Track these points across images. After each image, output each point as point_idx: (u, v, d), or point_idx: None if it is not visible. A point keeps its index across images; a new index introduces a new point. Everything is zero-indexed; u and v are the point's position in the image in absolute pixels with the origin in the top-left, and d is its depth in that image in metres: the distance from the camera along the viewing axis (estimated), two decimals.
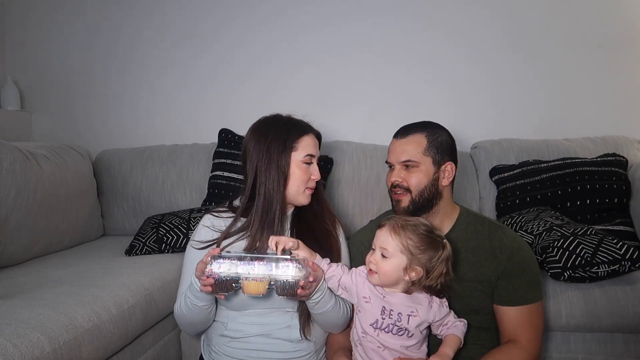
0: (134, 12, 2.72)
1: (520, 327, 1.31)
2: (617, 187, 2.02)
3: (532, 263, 1.35)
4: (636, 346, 1.68)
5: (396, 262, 1.19)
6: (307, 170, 1.39)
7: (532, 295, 1.33)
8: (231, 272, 1.16)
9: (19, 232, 1.82)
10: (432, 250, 1.20)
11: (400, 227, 1.20)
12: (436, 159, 1.35)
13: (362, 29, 2.56)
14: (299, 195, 1.39)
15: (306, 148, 1.38)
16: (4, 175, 1.75)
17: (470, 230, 1.38)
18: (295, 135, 1.38)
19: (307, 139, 1.40)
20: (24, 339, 1.15)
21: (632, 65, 2.44)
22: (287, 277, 1.16)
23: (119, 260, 1.88)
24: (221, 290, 1.19)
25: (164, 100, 2.72)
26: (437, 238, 1.22)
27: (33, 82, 2.80)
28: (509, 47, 2.50)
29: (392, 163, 1.39)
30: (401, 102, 2.55)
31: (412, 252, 1.18)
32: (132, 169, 2.44)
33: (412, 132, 1.38)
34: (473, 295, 1.34)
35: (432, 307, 1.24)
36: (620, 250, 1.60)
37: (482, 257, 1.34)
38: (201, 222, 1.46)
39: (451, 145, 1.40)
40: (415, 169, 1.35)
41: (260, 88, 2.65)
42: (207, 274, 1.16)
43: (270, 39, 2.63)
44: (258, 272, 1.15)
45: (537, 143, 2.30)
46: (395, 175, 1.37)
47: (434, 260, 1.19)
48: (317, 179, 1.41)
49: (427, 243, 1.20)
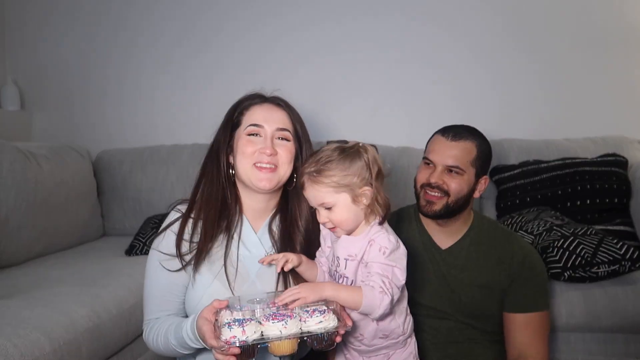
0: (133, 12, 2.71)
1: (528, 338, 1.31)
2: (617, 187, 2.02)
3: (542, 271, 1.36)
4: (636, 346, 1.68)
5: (342, 204, 1.06)
6: (254, 142, 1.16)
7: (541, 303, 1.34)
8: (257, 335, 0.94)
9: (19, 232, 1.82)
10: (357, 163, 1.06)
11: (316, 172, 1.06)
12: (479, 172, 1.32)
13: (362, 26, 2.55)
14: (250, 177, 1.16)
15: (250, 118, 1.17)
16: (4, 175, 1.75)
17: (484, 235, 1.38)
18: (244, 106, 1.20)
19: (255, 110, 1.19)
20: (24, 339, 1.15)
21: (633, 65, 2.44)
22: (325, 329, 0.96)
23: (119, 260, 1.88)
24: (246, 357, 0.96)
25: (164, 100, 2.72)
26: (350, 149, 1.08)
27: (33, 82, 2.80)
28: (509, 47, 2.50)
29: (437, 163, 1.31)
30: (402, 101, 2.55)
31: (345, 183, 1.05)
32: (132, 169, 2.44)
33: (464, 137, 1.31)
34: (483, 301, 1.34)
35: (371, 247, 1.06)
36: (620, 250, 1.60)
37: (493, 262, 1.34)
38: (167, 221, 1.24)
39: (490, 159, 1.38)
40: (459, 176, 1.29)
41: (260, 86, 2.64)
42: (231, 343, 0.92)
43: (270, 37, 2.62)
44: (291, 330, 0.94)
45: (537, 143, 2.30)
46: (436, 177, 1.29)
47: (365, 170, 1.06)
48: (266, 157, 1.14)
49: (348, 163, 1.05)
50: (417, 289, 1.36)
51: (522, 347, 1.31)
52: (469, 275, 1.34)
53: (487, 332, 1.35)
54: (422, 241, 1.40)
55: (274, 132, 1.17)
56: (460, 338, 1.35)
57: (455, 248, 1.38)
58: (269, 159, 1.15)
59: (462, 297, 1.34)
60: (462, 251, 1.37)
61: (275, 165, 1.16)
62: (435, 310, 1.35)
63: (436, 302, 1.35)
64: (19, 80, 2.78)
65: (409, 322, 1.17)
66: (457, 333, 1.35)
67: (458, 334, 1.35)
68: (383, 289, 1.00)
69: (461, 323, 1.35)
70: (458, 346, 1.34)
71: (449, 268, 1.36)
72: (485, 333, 1.35)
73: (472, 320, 1.34)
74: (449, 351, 1.34)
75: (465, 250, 1.36)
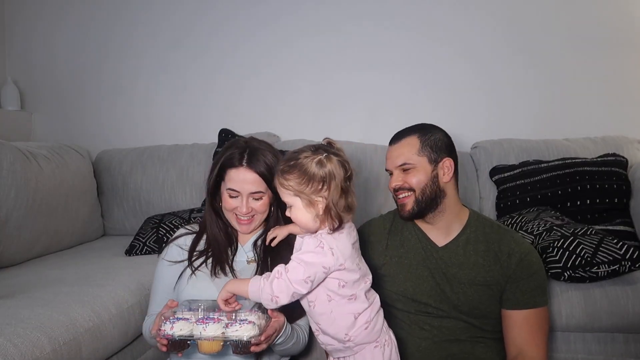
0: (134, 13, 2.72)
1: (527, 334, 1.31)
2: (617, 187, 2.02)
3: (540, 268, 1.36)
4: (636, 346, 1.67)
5: (297, 206, 1.13)
6: (233, 201, 1.35)
7: (540, 300, 1.34)
8: (184, 332, 1.13)
9: (19, 232, 1.82)
10: (315, 175, 1.10)
11: (281, 172, 1.13)
12: (432, 157, 1.36)
13: (361, 32, 2.56)
14: (232, 222, 1.39)
15: (229, 182, 1.34)
16: (4, 175, 1.75)
17: (480, 234, 1.39)
18: (224, 165, 1.35)
19: (233, 172, 1.33)
20: (24, 339, 1.15)
21: (632, 65, 2.44)
22: (240, 336, 1.10)
23: (119, 260, 1.88)
24: (176, 349, 1.17)
25: (164, 100, 2.72)
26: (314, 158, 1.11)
27: (33, 82, 2.80)
28: (509, 48, 2.50)
29: (391, 169, 1.40)
30: (402, 102, 2.55)
31: (299, 190, 1.10)
32: (132, 169, 2.44)
33: (404, 135, 1.39)
34: (482, 299, 1.34)
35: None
36: (620, 250, 1.60)
37: (491, 260, 1.35)
38: (173, 238, 1.48)
39: (447, 142, 1.40)
40: (413, 170, 1.36)
41: (260, 88, 2.65)
42: (160, 335, 1.14)
43: (270, 39, 2.62)
44: (210, 332, 1.12)
45: (537, 143, 2.30)
46: (395, 180, 1.38)
47: (319, 183, 1.10)
48: (242, 214, 1.34)
49: (305, 173, 1.10)
50: (415, 286, 1.37)
51: (521, 344, 1.31)
52: (467, 273, 1.35)
53: (487, 331, 1.35)
54: (419, 239, 1.42)
55: (248, 195, 1.34)
56: (462, 337, 1.35)
57: (451, 246, 1.39)
58: (246, 214, 1.35)
59: (460, 295, 1.34)
60: (459, 249, 1.38)
61: (252, 216, 1.37)
62: (433, 308, 1.36)
63: (434, 299, 1.36)
64: (19, 80, 2.78)
65: (359, 333, 1.17)
66: (458, 332, 1.35)
67: (460, 332, 1.35)
68: (269, 277, 1.12)
69: (462, 321, 1.35)
70: (460, 345, 1.34)
71: (446, 266, 1.37)
72: (486, 331, 1.35)
73: (472, 319, 1.35)
74: (451, 350, 1.34)
75: (462, 248, 1.37)
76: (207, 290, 1.32)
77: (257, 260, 1.39)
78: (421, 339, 1.36)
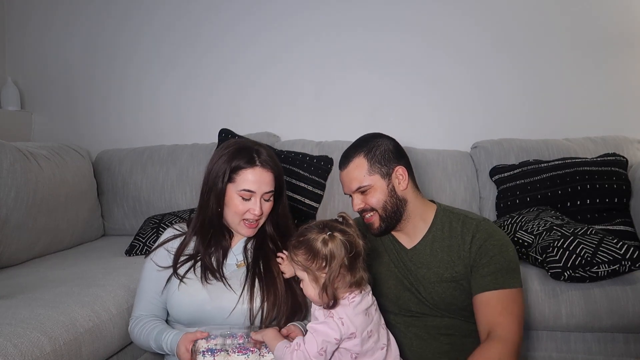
0: (135, 13, 2.72)
1: (496, 315, 1.25)
2: (617, 187, 2.02)
3: (505, 250, 1.31)
4: (636, 346, 1.68)
5: (305, 279, 1.16)
6: (245, 203, 1.32)
7: (507, 281, 1.28)
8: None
9: (19, 232, 1.82)
10: (318, 254, 1.14)
11: (292, 247, 1.18)
12: (383, 172, 1.35)
13: (361, 35, 2.57)
14: (236, 227, 1.36)
15: (243, 183, 1.31)
16: (4, 175, 1.75)
17: (446, 229, 1.37)
18: (236, 166, 1.32)
19: (248, 173, 1.32)
20: (24, 339, 1.15)
21: (632, 65, 2.44)
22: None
23: (119, 260, 1.88)
24: None
25: (164, 100, 2.72)
26: (319, 238, 1.15)
27: (33, 82, 2.80)
28: (509, 48, 2.50)
29: (348, 193, 1.40)
30: (401, 102, 2.55)
31: (306, 265, 1.15)
32: (132, 169, 2.44)
33: (351, 158, 1.37)
34: (454, 295, 1.33)
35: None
36: (620, 250, 1.60)
37: (455, 255, 1.33)
38: (162, 239, 1.44)
39: (393, 150, 1.38)
40: (370, 190, 1.35)
41: (260, 88, 2.65)
42: None
43: (271, 42, 2.63)
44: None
45: (537, 143, 2.30)
46: (356, 204, 1.37)
47: (321, 261, 1.13)
48: (254, 216, 1.33)
49: (311, 251, 1.14)
50: (394, 292, 1.39)
51: (490, 324, 1.25)
52: (435, 272, 1.34)
53: (473, 323, 1.32)
54: (391, 242, 1.43)
55: (262, 195, 1.33)
56: (450, 332, 1.35)
57: (419, 246, 1.39)
58: (258, 216, 1.34)
59: (434, 294, 1.34)
60: (426, 248, 1.37)
61: (259, 219, 1.36)
62: (414, 310, 1.37)
63: (413, 302, 1.37)
64: (19, 80, 2.78)
65: None
66: (445, 328, 1.35)
67: (447, 328, 1.35)
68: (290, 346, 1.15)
69: (446, 318, 1.35)
70: (450, 339, 1.35)
71: (416, 267, 1.37)
72: (472, 324, 1.33)
73: (452, 314, 1.35)
74: (443, 348, 1.34)
75: (429, 247, 1.37)
76: (198, 296, 1.30)
77: (247, 264, 1.37)
78: (412, 338, 1.37)
